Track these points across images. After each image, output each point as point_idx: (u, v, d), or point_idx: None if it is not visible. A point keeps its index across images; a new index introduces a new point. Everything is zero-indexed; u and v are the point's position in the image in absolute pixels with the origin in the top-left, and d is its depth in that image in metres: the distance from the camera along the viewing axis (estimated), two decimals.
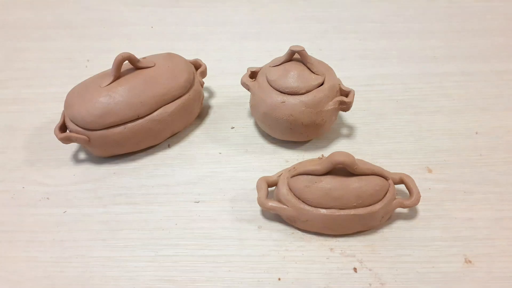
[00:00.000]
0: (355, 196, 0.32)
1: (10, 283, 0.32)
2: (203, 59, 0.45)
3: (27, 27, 0.57)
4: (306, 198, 0.33)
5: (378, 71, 0.49)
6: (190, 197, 0.37)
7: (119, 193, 0.37)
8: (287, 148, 0.41)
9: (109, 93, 0.37)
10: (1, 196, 0.38)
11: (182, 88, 0.39)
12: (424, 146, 0.41)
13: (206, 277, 0.32)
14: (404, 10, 0.58)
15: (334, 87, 0.38)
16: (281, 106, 0.37)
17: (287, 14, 0.58)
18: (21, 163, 0.40)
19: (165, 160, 0.40)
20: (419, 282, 0.31)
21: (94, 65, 0.51)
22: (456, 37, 0.54)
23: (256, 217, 0.36)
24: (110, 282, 0.32)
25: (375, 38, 0.54)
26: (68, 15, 0.59)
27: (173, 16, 0.58)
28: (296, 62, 0.38)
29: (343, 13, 0.58)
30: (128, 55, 0.37)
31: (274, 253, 0.33)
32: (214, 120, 0.44)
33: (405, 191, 0.36)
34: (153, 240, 0.34)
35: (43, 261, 0.33)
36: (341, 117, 0.43)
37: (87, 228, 0.35)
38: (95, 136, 0.37)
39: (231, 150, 0.41)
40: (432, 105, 0.45)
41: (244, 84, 0.40)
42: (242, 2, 0.60)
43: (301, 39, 0.54)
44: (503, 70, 0.49)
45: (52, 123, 0.43)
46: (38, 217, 0.36)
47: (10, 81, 0.49)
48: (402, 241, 0.34)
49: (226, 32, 0.55)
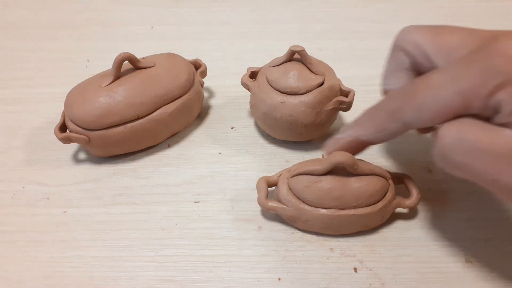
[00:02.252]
0: (355, 196, 0.32)
1: (10, 283, 0.32)
2: (203, 59, 0.45)
3: (27, 27, 0.57)
4: (306, 198, 0.33)
5: (378, 71, 0.49)
6: (190, 197, 0.37)
7: (119, 193, 0.37)
8: (287, 148, 0.41)
9: (109, 93, 0.37)
10: (1, 196, 0.38)
11: (182, 88, 0.39)
12: (424, 146, 0.41)
13: (206, 277, 0.32)
14: (404, 10, 0.58)
15: (334, 87, 0.38)
16: (281, 106, 0.37)
17: (287, 14, 0.58)
18: (21, 163, 0.40)
19: (165, 160, 0.40)
20: (419, 282, 0.31)
21: (94, 65, 0.51)
22: None
23: (256, 217, 0.36)
24: (110, 282, 0.32)
25: (375, 38, 0.54)
26: (68, 15, 0.59)
27: (173, 16, 0.58)
28: (296, 62, 0.38)
29: (343, 13, 0.58)
30: (128, 55, 0.37)
31: (274, 253, 0.33)
32: (214, 120, 0.44)
33: (405, 191, 0.36)
34: (153, 240, 0.34)
35: (43, 261, 0.33)
36: (341, 117, 0.43)
37: (87, 228, 0.35)
38: (95, 136, 0.37)
39: (231, 150, 0.41)
40: None
41: (244, 84, 0.40)
42: (242, 2, 0.60)
43: (301, 39, 0.54)
44: None
45: (52, 123, 0.43)
46: (38, 217, 0.36)
47: (10, 81, 0.49)
48: (402, 241, 0.34)
49: (226, 32, 0.55)
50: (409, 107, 0.27)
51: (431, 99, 0.25)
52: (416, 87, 0.26)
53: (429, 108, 0.25)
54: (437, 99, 0.25)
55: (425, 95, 0.25)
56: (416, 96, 0.26)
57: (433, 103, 0.25)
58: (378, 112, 0.29)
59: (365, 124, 0.30)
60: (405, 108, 0.27)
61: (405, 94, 0.27)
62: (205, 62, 0.44)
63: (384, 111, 0.29)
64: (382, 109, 0.29)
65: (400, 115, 0.27)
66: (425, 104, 0.25)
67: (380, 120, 0.29)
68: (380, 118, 0.29)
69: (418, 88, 0.26)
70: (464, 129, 0.24)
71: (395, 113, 0.27)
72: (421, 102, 0.26)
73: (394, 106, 0.28)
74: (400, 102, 0.27)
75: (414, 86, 0.27)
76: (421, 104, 0.26)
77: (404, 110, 0.27)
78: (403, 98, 0.27)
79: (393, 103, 0.28)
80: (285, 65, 0.38)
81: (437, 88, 0.25)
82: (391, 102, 0.28)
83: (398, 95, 0.28)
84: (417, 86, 0.26)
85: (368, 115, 0.30)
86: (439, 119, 0.25)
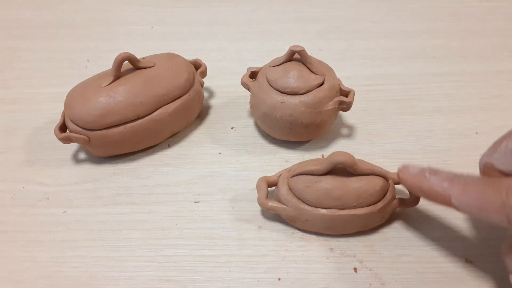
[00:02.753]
0: (355, 196, 0.32)
1: (10, 283, 0.32)
2: (203, 59, 0.45)
3: (27, 27, 0.57)
4: (306, 198, 0.33)
5: (378, 71, 0.49)
6: (190, 197, 0.37)
7: (119, 193, 0.37)
8: (287, 148, 0.41)
9: (109, 93, 0.37)
10: (1, 196, 0.38)
11: (182, 88, 0.39)
12: (424, 146, 0.41)
13: (206, 277, 0.32)
14: (404, 10, 0.58)
15: (334, 87, 0.38)
16: (281, 106, 0.37)
17: (287, 14, 0.58)
18: (21, 163, 0.40)
19: (165, 160, 0.40)
20: (419, 282, 0.31)
21: (94, 65, 0.51)
22: (456, 37, 0.54)
23: (256, 217, 0.36)
24: (110, 282, 0.32)
25: (375, 38, 0.54)
26: (68, 15, 0.59)
27: (173, 16, 0.58)
28: (296, 62, 0.38)
29: (343, 13, 0.58)
30: (128, 55, 0.37)
31: (274, 253, 0.33)
32: (214, 120, 0.44)
33: (405, 191, 0.36)
34: (153, 240, 0.34)
35: (43, 261, 0.33)
36: (341, 117, 0.43)
37: (87, 228, 0.35)
38: (95, 136, 0.37)
39: (231, 150, 0.41)
40: (432, 105, 0.45)
41: (244, 84, 0.40)
42: (242, 2, 0.60)
43: (301, 39, 0.54)
44: (503, 70, 0.49)
45: (52, 123, 0.43)
46: (38, 217, 0.36)
47: (10, 81, 0.49)
48: (402, 241, 0.34)
49: (226, 32, 0.55)
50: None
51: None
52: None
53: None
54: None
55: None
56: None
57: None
58: (488, 190, 0.25)
59: (465, 189, 0.26)
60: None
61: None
62: (205, 62, 0.45)
63: (496, 196, 0.24)
64: (493, 191, 0.25)
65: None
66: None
67: (488, 200, 0.25)
68: (489, 198, 0.25)
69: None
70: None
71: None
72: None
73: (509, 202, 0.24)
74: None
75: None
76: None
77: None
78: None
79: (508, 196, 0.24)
80: (285, 65, 0.38)
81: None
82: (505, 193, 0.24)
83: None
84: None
85: (473, 184, 0.26)
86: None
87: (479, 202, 0.25)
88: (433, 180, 0.28)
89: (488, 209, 0.25)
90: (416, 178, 0.29)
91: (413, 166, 0.30)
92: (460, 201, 0.26)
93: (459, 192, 0.27)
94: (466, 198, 0.26)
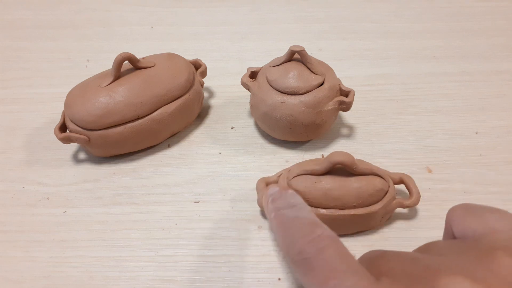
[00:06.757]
0: (354, 196, 0.32)
1: (10, 283, 0.32)
2: (203, 59, 0.45)
3: (27, 27, 0.57)
4: (306, 198, 0.32)
5: (378, 71, 0.49)
6: (190, 197, 0.37)
7: (119, 193, 0.37)
8: (287, 148, 0.41)
9: (109, 93, 0.37)
10: (1, 196, 0.38)
11: (182, 88, 0.39)
12: (424, 146, 0.41)
13: (206, 277, 0.32)
14: (404, 10, 0.58)
15: (334, 87, 0.38)
16: (281, 106, 0.37)
17: (287, 14, 0.58)
18: (21, 163, 0.40)
19: (165, 160, 0.40)
20: None
21: (94, 65, 0.51)
22: (456, 37, 0.54)
23: (256, 217, 0.36)
24: (110, 282, 0.32)
25: (375, 38, 0.54)
26: (68, 15, 0.59)
27: (173, 16, 0.58)
28: (296, 62, 0.38)
29: (343, 13, 0.58)
30: (128, 55, 0.37)
31: (274, 253, 0.33)
32: (214, 120, 0.44)
33: (405, 191, 0.36)
34: (153, 240, 0.34)
35: (43, 261, 0.33)
36: (341, 117, 0.43)
37: (87, 228, 0.35)
38: (95, 136, 0.37)
39: (231, 150, 0.41)
40: (432, 105, 0.45)
41: (244, 84, 0.40)
42: (242, 2, 0.60)
43: (301, 39, 0.54)
44: (503, 70, 0.49)
45: (52, 123, 0.43)
46: (38, 217, 0.36)
47: (10, 81, 0.49)
48: (402, 241, 0.34)
49: (226, 32, 0.55)
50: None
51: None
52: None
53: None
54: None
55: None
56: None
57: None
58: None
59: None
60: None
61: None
62: (205, 62, 0.45)
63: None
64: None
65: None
66: None
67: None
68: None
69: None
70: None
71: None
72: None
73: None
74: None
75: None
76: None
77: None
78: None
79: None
80: (285, 65, 0.38)
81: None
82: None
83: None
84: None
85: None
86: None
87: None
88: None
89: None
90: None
91: (273, 188, 0.27)
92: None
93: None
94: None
